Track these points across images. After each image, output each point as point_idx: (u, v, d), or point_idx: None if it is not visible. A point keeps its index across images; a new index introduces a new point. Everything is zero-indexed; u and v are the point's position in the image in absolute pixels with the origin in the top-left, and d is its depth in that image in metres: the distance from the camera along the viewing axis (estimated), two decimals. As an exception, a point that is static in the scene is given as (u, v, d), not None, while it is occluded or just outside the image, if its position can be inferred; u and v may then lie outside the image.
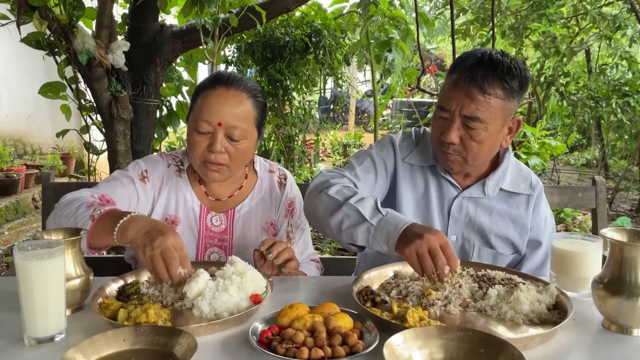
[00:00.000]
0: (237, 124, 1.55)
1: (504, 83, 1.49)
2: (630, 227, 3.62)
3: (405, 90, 7.38)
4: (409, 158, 1.71)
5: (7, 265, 4.41)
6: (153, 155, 1.75)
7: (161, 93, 2.99)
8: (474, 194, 1.67)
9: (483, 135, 1.52)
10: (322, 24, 5.43)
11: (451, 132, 1.52)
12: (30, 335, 1.10)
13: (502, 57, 1.52)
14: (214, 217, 1.69)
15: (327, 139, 9.53)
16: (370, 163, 1.69)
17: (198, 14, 2.71)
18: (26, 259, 1.08)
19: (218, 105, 1.54)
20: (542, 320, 1.20)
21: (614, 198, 6.67)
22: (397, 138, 1.75)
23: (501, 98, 1.50)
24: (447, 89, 1.56)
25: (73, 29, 2.50)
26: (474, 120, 1.50)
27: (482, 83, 1.48)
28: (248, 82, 1.61)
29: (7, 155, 6.31)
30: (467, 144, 1.54)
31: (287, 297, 1.35)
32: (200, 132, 1.55)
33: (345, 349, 1.03)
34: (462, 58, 1.57)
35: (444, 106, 1.55)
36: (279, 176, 1.81)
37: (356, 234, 1.39)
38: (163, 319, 1.16)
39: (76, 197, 1.46)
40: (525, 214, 1.69)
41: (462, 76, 1.51)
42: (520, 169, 1.75)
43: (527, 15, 5.84)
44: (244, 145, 1.58)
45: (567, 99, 6.15)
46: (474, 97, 1.49)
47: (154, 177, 1.66)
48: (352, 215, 1.41)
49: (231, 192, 1.72)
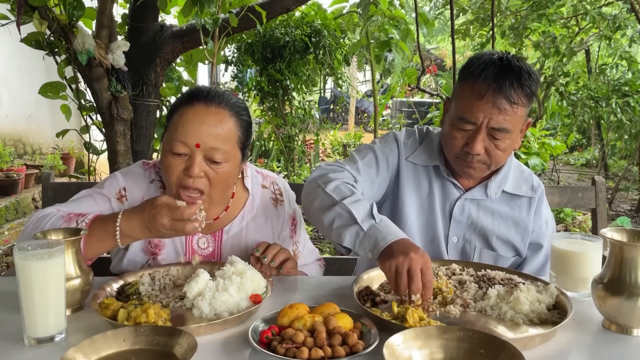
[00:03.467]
0: (217, 145, 1.38)
1: (527, 89, 1.48)
2: (630, 227, 3.62)
3: (405, 90, 7.38)
4: (413, 157, 1.69)
5: (7, 265, 4.41)
6: (135, 168, 1.59)
7: (161, 93, 2.98)
8: (477, 195, 1.66)
9: (507, 144, 1.52)
10: (322, 24, 5.43)
11: (477, 143, 1.49)
12: (30, 335, 1.10)
13: (518, 61, 1.50)
14: (200, 239, 1.56)
15: (327, 139, 9.53)
16: (373, 158, 1.66)
17: (198, 14, 2.70)
18: (26, 259, 1.08)
19: (196, 123, 1.37)
20: (542, 320, 1.20)
21: (613, 198, 6.67)
22: (401, 135, 1.73)
23: (525, 106, 1.50)
24: (470, 100, 1.49)
25: (73, 29, 2.50)
26: (501, 132, 1.48)
27: (510, 94, 1.45)
28: (231, 99, 1.45)
29: (7, 155, 6.31)
30: (493, 153, 1.52)
31: (287, 297, 1.35)
32: (176, 154, 1.38)
33: (345, 349, 1.03)
34: (478, 64, 1.50)
35: (468, 118, 1.49)
36: (273, 191, 1.67)
37: (344, 235, 1.35)
38: (163, 319, 1.16)
39: (43, 215, 1.38)
40: (527, 217, 1.68)
41: (488, 87, 1.45)
42: (521, 171, 1.74)
43: (527, 15, 5.85)
44: (224, 169, 1.41)
45: (567, 99, 6.15)
46: (502, 109, 1.45)
47: (134, 195, 1.52)
48: (344, 216, 1.38)
49: (217, 214, 1.56)
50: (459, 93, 1.55)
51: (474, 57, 1.56)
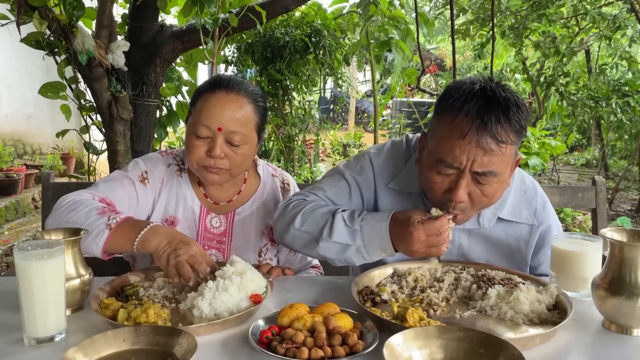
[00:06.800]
0: (237, 129, 1.52)
1: (516, 125, 1.27)
2: (630, 227, 3.62)
3: (405, 90, 7.38)
4: (394, 183, 1.50)
5: (7, 265, 4.41)
6: (152, 154, 1.72)
7: (161, 93, 2.98)
8: (468, 225, 1.47)
9: (495, 188, 1.32)
10: (322, 24, 5.43)
11: (460, 190, 1.29)
12: (30, 335, 1.10)
13: (504, 91, 1.29)
14: (213, 219, 1.67)
15: (327, 139, 9.53)
16: (345, 185, 1.53)
17: (198, 14, 2.70)
18: (26, 259, 1.08)
19: (218, 109, 1.51)
20: (542, 320, 1.20)
21: (613, 198, 6.67)
22: (379, 157, 1.54)
23: (514, 144, 1.30)
24: (450, 139, 1.28)
25: (73, 29, 2.50)
26: (487, 176, 1.28)
27: (496, 131, 1.25)
28: (249, 87, 1.58)
29: (7, 155, 6.31)
30: (477, 200, 1.33)
31: (287, 297, 1.35)
32: (199, 137, 1.52)
33: (345, 349, 1.03)
34: (457, 96, 1.29)
35: (449, 162, 1.28)
36: (281, 181, 1.78)
37: (350, 260, 1.36)
38: (163, 319, 1.16)
39: (79, 200, 1.44)
40: (525, 247, 1.51)
41: (471, 124, 1.25)
42: (524, 191, 1.53)
43: (527, 15, 5.85)
44: (244, 150, 1.55)
45: (567, 99, 6.16)
46: (488, 149, 1.25)
47: (154, 178, 1.63)
48: (334, 247, 1.36)
49: (230, 197, 1.69)
50: (437, 130, 1.33)
51: (452, 86, 1.34)
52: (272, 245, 1.72)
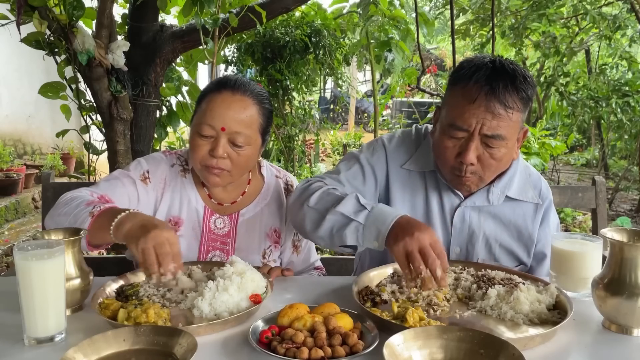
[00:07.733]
0: (241, 129, 1.51)
1: (522, 93, 1.38)
2: (630, 227, 3.62)
3: (405, 90, 7.38)
4: (408, 164, 1.59)
5: (7, 265, 4.41)
6: (156, 154, 1.71)
7: (161, 93, 2.99)
8: (478, 202, 1.56)
9: (503, 152, 1.41)
10: (322, 24, 5.43)
11: (470, 152, 1.38)
12: (30, 335, 1.10)
13: (512, 64, 1.40)
14: (217, 220, 1.66)
15: (327, 139, 9.53)
16: (358, 169, 1.59)
17: (198, 14, 2.71)
18: (26, 259, 1.08)
19: (222, 109, 1.50)
20: (542, 320, 1.20)
21: (614, 198, 6.67)
22: (391, 142, 1.62)
23: (521, 111, 1.40)
24: (461, 105, 1.39)
25: (73, 29, 2.50)
26: (495, 139, 1.38)
27: (504, 97, 1.35)
28: (255, 88, 1.57)
29: (7, 155, 6.31)
30: (486, 163, 1.42)
31: (287, 297, 1.35)
32: (203, 136, 1.51)
33: (345, 349, 1.02)
34: (469, 67, 1.41)
35: (459, 125, 1.39)
36: (285, 182, 1.78)
37: (345, 235, 1.35)
38: (163, 319, 1.16)
39: (76, 196, 1.46)
40: (531, 225, 1.59)
41: (480, 90, 1.35)
42: (529, 174, 1.63)
43: (527, 15, 5.86)
44: (246, 151, 1.54)
45: (567, 99, 6.16)
46: (496, 113, 1.36)
47: (156, 178, 1.63)
48: (338, 220, 1.36)
49: (234, 199, 1.68)
50: (449, 99, 1.46)
51: (465, 60, 1.47)
52: (275, 246, 1.72)
